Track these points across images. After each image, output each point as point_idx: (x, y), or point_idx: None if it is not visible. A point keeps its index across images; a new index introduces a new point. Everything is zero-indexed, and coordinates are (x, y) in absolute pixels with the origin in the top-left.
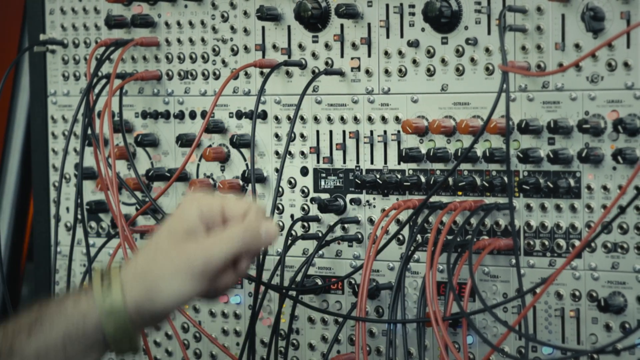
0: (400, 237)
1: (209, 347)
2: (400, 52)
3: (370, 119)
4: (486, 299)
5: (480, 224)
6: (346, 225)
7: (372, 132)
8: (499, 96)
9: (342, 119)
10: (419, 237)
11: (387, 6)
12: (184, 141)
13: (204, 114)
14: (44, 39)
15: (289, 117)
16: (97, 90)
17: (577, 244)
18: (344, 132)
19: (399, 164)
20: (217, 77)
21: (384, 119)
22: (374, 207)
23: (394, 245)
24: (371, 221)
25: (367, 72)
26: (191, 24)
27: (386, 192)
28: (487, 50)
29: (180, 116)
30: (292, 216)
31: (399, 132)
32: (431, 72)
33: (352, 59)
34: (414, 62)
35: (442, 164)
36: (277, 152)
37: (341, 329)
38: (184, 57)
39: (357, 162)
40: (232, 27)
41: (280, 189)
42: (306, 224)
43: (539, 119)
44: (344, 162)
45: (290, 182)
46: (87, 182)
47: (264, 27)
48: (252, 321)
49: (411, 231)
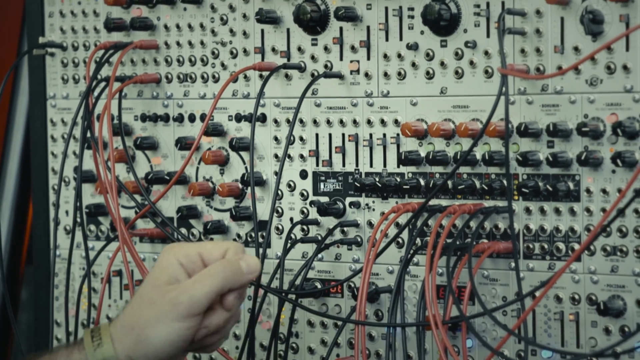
0: (399, 240)
1: None
2: (399, 55)
3: (369, 122)
4: (486, 302)
5: (479, 227)
6: (345, 228)
7: (371, 135)
8: (498, 99)
9: (342, 122)
10: (419, 240)
11: (387, 9)
12: (183, 144)
13: (203, 117)
14: (43, 41)
15: (288, 120)
16: (96, 93)
17: (577, 247)
18: (343, 135)
19: (398, 167)
20: (216, 80)
21: (383, 122)
22: (374, 210)
23: (394, 248)
24: (370, 224)
25: (367, 75)
26: (190, 26)
27: (385, 195)
28: (486, 53)
29: (179, 119)
30: (291, 219)
31: (398, 135)
32: (430, 75)
33: (351, 61)
34: (413, 65)
35: (442, 167)
36: (276, 155)
37: (341, 332)
38: (183, 60)
39: (357, 165)
40: (231, 30)
41: (279, 192)
42: (305, 227)
43: (538, 122)
44: (343, 165)
45: (289, 185)
46: (87, 185)
47: (263, 30)
48: (251, 324)
49: (410, 234)
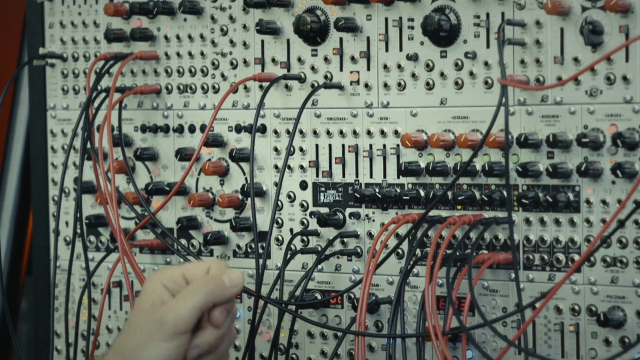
0: (399, 251)
1: None
2: (399, 66)
3: (369, 133)
4: (486, 313)
5: (479, 238)
6: (345, 239)
7: (371, 146)
8: (498, 110)
9: (341, 132)
10: (419, 251)
11: (386, 20)
12: (183, 155)
13: (203, 128)
14: (43, 52)
15: (288, 131)
16: (96, 104)
17: (577, 258)
18: (343, 146)
19: (398, 177)
20: (216, 90)
21: (383, 133)
22: (373, 221)
23: (393, 259)
24: (370, 235)
25: (366, 85)
26: (190, 37)
27: (385, 206)
28: (486, 64)
29: (179, 130)
30: (291, 230)
31: (398, 146)
32: (430, 86)
33: (351, 72)
34: (413, 75)
35: (441, 178)
36: (276, 166)
37: (340, 343)
38: (183, 70)
39: (357, 176)
40: (232, 41)
41: (279, 203)
42: (305, 238)
43: (538, 132)
44: (343, 176)
45: (289, 196)
46: (87, 196)
47: (263, 41)
48: (251, 335)
49: (410, 245)
